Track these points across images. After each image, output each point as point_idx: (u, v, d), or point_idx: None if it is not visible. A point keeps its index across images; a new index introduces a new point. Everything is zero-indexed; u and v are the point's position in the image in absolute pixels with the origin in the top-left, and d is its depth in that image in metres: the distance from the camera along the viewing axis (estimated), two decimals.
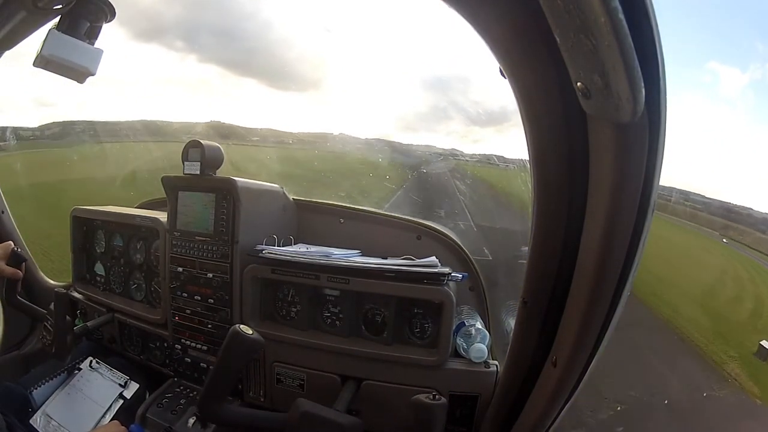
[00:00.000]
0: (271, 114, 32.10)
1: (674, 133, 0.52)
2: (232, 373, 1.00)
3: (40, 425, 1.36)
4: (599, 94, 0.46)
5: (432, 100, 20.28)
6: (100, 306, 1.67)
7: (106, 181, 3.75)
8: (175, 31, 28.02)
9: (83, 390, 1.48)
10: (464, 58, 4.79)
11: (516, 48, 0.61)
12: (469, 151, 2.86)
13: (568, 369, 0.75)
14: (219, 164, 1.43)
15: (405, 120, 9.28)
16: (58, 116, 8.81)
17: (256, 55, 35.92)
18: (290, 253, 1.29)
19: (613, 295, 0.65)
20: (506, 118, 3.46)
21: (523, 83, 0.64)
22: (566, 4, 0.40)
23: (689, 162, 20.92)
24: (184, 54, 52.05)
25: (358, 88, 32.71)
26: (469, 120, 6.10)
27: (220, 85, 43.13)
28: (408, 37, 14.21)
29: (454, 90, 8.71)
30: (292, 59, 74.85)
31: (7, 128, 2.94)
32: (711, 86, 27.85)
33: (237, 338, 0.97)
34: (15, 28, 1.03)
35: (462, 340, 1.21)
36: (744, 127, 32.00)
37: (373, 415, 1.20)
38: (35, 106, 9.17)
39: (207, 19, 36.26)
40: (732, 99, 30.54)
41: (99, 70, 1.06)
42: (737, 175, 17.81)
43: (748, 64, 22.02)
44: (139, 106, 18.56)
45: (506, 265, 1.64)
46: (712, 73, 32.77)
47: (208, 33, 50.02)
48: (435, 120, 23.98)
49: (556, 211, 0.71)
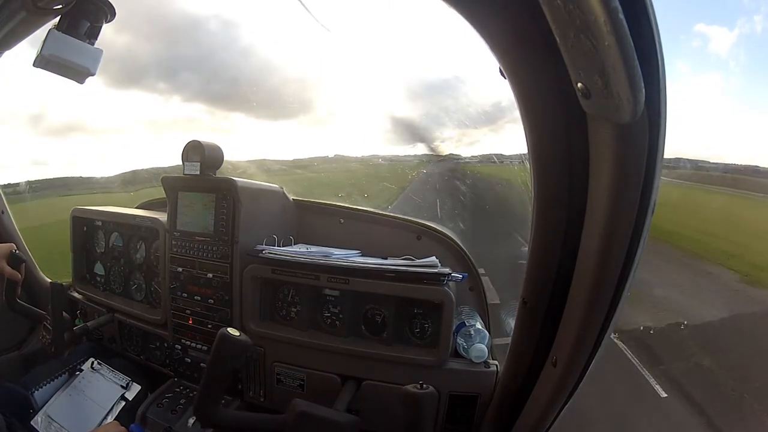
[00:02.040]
0: (261, 144, 32.41)
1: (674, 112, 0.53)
2: (224, 375, 1.00)
3: (41, 426, 1.36)
4: (599, 94, 0.46)
5: (423, 109, 20.28)
6: (100, 306, 1.67)
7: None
8: (155, 72, 28.06)
9: (85, 391, 1.48)
10: (453, 62, 4.82)
11: (516, 48, 0.61)
12: (467, 154, 2.91)
13: (568, 369, 0.75)
14: (219, 164, 1.43)
15: (399, 133, 9.36)
16: (50, 173, 9.36)
17: (240, 86, 35.98)
18: (290, 253, 1.29)
19: (613, 295, 0.65)
20: (500, 116, 3.51)
21: (523, 83, 0.64)
22: (566, 4, 0.40)
23: (692, 130, 22.10)
24: (168, 95, 51.90)
25: (348, 106, 33.08)
26: (462, 124, 6.20)
27: (209, 121, 43.31)
28: (397, 46, 14.29)
29: (444, 95, 8.70)
30: (277, 85, 75.03)
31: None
32: (701, 51, 28.26)
33: (224, 341, 0.98)
34: (15, 28, 1.03)
35: (462, 340, 1.21)
36: (739, 89, 32.02)
37: (373, 415, 1.20)
38: (30, 164, 10.02)
39: (184, 55, 36.28)
40: (724, 60, 30.71)
41: (86, 123, 1.06)
42: (736, 136, 20.33)
43: (735, 20, 22.14)
44: (127, 156, 18.66)
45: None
46: (701, 36, 32.86)
47: (188, 70, 50.02)
48: (428, 129, 24.22)
49: (556, 211, 0.71)
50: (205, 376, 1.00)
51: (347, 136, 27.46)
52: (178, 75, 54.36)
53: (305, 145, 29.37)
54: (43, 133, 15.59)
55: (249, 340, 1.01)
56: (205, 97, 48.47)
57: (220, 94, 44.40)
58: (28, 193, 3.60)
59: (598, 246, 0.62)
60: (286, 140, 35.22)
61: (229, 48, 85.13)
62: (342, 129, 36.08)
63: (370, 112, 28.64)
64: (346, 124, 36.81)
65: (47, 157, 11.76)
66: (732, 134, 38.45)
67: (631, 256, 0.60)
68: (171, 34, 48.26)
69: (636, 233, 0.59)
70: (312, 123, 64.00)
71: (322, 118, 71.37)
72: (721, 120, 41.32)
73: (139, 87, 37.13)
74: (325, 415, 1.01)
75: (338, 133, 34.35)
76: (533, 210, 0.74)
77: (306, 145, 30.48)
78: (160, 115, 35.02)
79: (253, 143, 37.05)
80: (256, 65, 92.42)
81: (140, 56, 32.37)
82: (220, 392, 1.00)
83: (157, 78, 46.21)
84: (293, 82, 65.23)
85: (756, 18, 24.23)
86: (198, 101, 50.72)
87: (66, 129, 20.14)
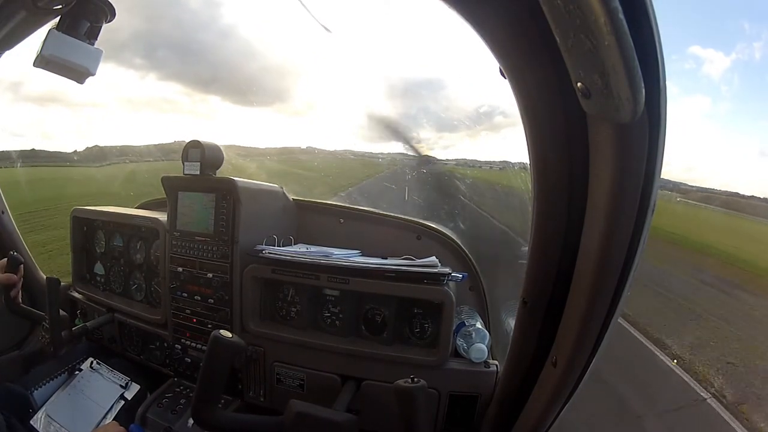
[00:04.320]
0: (235, 130, 32.24)
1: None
2: (219, 377, 1.00)
3: (40, 426, 1.36)
4: (599, 94, 0.46)
5: (401, 108, 20.10)
6: (99, 306, 1.67)
7: None
8: (132, 46, 27.84)
9: (84, 391, 1.48)
10: (438, 64, 4.79)
11: (516, 48, 0.61)
12: (442, 157, 2.98)
13: (568, 369, 0.75)
14: (219, 164, 1.43)
15: (373, 129, 9.25)
16: (24, 145, 9.44)
17: (218, 69, 35.11)
18: (290, 253, 1.29)
19: (613, 295, 0.65)
20: (478, 122, 3.58)
21: (523, 83, 0.64)
22: (566, 4, 0.40)
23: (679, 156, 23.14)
24: (144, 72, 51.02)
25: (325, 98, 32.91)
26: (440, 126, 6.16)
27: (186, 103, 42.80)
28: (383, 43, 13.95)
29: (425, 97, 8.57)
30: (255, 71, 74.25)
31: None
32: (692, 73, 28.38)
33: (217, 343, 0.98)
34: (15, 28, 1.03)
35: (462, 340, 1.21)
36: (727, 114, 32.25)
37: (373, 414, 1.20)
38: (7, 136, 10.10)
39: (162, 31, 35.76)
40: (716, 84, 30.79)
41: (64, 94, 1.06)
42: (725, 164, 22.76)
43: (734, 45, 22.21)
44: (107, 131, 18.55)
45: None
46: (695, 59, 32.94)
47: (166, 47, 49.20)
48: (405, 128, 24.29)
49: (556, 211, 0.71)
50: (200, 378, 1.00)
51: (322, 128, 27.53)
52: (156, 52, 53.54)
53: (279, 135, 29.33)
54: (23, 100, 15.54)
55: (242, 342, 1.02)
56: (182, 77, 47.75)
57: (198, 76, 43.73)
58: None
59: (598, 246, 0.62)
60: (261, 128, 35.02)
61: (208, 28, 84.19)
62: (317, 121, 36.08)
63: (346, 107, 28.49)
64: (322, 116, 36.67)
65: (24, 129, 11.99)
66: (714, 159, 39.16)
67: (631, 256, 0.60)
68: (150, 8, 47.28)
69: (636, 233, 0.59)
70: (288, 113, 63.53)
71: (299, 109, 70.66)
72: (704, 144, 41.81)
73: (116, 61, 36.31)
74: (323, 414, 1.01)
75: (313, 126, 34.29)
76: (533, 210, 0.74)
77: (280, 134, 30.46)
78: (136, 92, 34.71)
79: (229, 129, 36.88)
80: (235, 48, 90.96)
81: (120, 29, 31.80)
82: (216, 394, 1.01)
83: (134, 53, 45.38)
84: (272, 70, 64.88)
85: (756, 45, 24.29)
86: (174, 81, 49.98)
87: (44, 99, 19.98)
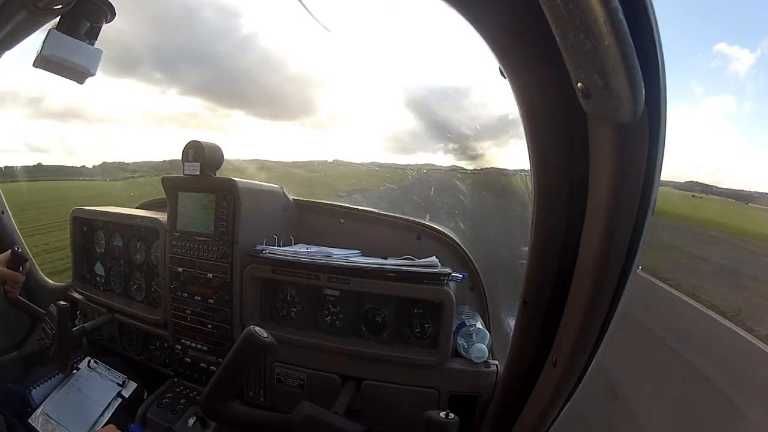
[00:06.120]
0: (261, 144, 31.92)
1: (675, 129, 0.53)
2: (240, 374, 0.99)
3: (38, 424, 1.36)
4: (599, 94, 0.46)
5: (425, 119, 20.04)
6: (100, 306, 1.67)
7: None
8: (151, 60, 27.27)
9: (81, 389, 1.48)
10: (460, 72, 4.70)
11: (516, 48, 0.61)
12: (470, 167, 2.95)
13: (568, 369, 0.75)
14: (219, 164, 1.43)
15: (400, 141, 9.17)
16: (49, 161, 9.71)
17: (239, 82, 34.46)
18: (290, 253, 1.29)
19: (613, 295, 0.64)
20: (505, 131, 3.59)
21: (523, 83, 0.64)
22: (566, 4, 0.40)
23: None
24: (165, 87, 50.44)
25: (349, 111, 32.74)
26: (466, 136, 6.10)
27: (210, 118, 42.55)
28: (401, 49, 14.09)
29: (449, 106, 8.49)
30: (278, 84, 73.87)
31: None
32: (719, 72, 28.65)
33: (251, 340, 0.94)
34: (15, 29, 1.03)
35: (463, 340, 1.21)
36: (752, 114, 32.51)
37: (373, 415, 1.20)
38: (28, 151, 10.38)
39: (180, 43, 35.36)
40: (742, 82, 31.26)
41: (86, 110, 1.06)
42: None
43: (759, 41, 22.78)
44: (124, 147, 18.44)
45: None
46: (721, 57, 33.08)
47: (185, 61, 48.74)
48: (431, 139, 24.20)
49: (556, 211, 0.71)
50: (221, 370, 0.98)
51: (347, 141, 27.38)
52: (175, 65, 52.98)
53: (305, 148, 29.43)
54: (43, 116, 15.71)
55: (274, 342, 0.97)
56: (203, 91, 47.14)
57: (220, 89, 43.07)
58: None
59: (598, 246, 0.62)
60: (287, 141, 34.64)
61: (227, 39, 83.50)
62: (342, 134, 35.94)
63: (371, 119, 28.48)
64: (346, 129, 36.53)
65: (48, 144, 12.41)
66: (739, 159, 39.86)
67: (631, 256, 0.60)
68: (166, 20, 47.04)
69: (636, 233, 0.58)
70: (313, 126, 62.84)
71: (323, 121, 70.20)
72: (729, 145, 42.17)
73: (136, 76, 35.73)
74: (333, 421, 1.00)
75: (339, 138, 34.13)
76: (533, 210, 0.74)
77: (306, 147, 30.37)
78: (157, 108, 34.12)
79: (254, 143, 36.62)
80: (255, 59, 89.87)
81: (135, 42, 31.28)
82: (231, 389, 0.99)
83: (154, 67, 44.89)
84: (294, 81, 64.72)
85: None
86: (196, 95, 49.30)
87: (66, 115, 20.02)
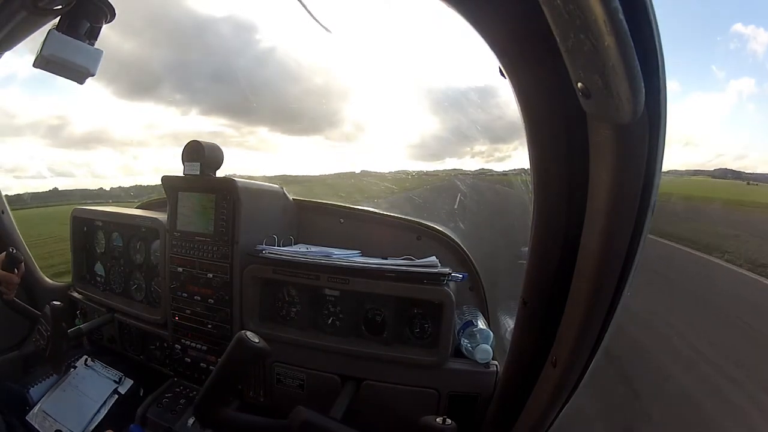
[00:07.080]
0: (288, 159, 31.73)
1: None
2: (233, 379, 0.97)
3: (36, 422, 1.37)
4: (599, 94, 0.46)
5: (451, 123, 20.12)
6: (100, 306, 1.67)
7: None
8: (171, 82, 27.06)
9: (78, 387, 1.50)
10: (477, 71, 4.65)
11: (515, 48, 0.61)
12: (499, 169, 2.95)
13: (568, 369, 0.75)
14: (219, 164, 1.43)
15: (427, 147, 9.32)
16: (76, 185, 10.00)
17: (260, 97, 34.33)
18: (290, 253, 1.29)
19: (613, 295, 0.64)
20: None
21: (523, 83, 0.64)
22: (566, 4, 0.40)
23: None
24: (186, 107, 49.52)
25: (374, 118, 32.84)
26: (493, 138, 6.15)
27: (235, 136, 42.33)
28: (417, 53, 13.75)
29: (473, 108, 8.41)
30: (300, 97, 73.35)
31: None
32: (738, 53, 28.52)
33: (242, 345, 0.92)
34: (15, 29, 1.03)
35: (467, 341, 1.21)
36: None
37: (372, 415, 1.20)
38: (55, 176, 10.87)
39: (198, 63, 35.08)
40: (760, 62, 30.89)
41: (109, 134, 1.06)
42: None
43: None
44: (154, 169, 18.29)
45: None
46: (739, 37, 32.82)
47: (205, 80, 48.22)
48: (458, 143, 24.01)
49: (556, 211, 0.71)
50: (213, 376, 0.96)
51: (374, 151, 27.45)
52: (194, 85, 52.31)
53: (331, 161, 29.34)
54: (65, 145, 15.97)
55: (267, 347, 0.95)
56: (225, 109, 46.44)
57: (241, 107, 42.58)
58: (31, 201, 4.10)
59: (598, 246, 0.62)
60: (312, 156, 34.46)
61: (244, 54, 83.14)
62: (368, 144, 36.01)
63: (396, 127, 28.47)
64: (372, 139, 36.60)
65: (72, 169, 13.07)
66: (762, 144, 39.74)
67: (631, 256, 0.60)
68: (182, 39, 47.10)
69: (636, 233, 0.58)
70: (338, 138, 62.16)
71: (349, 132, 69.59)
72: (753, 129, 41.83)
73: (155, 99, 35.55)
74: (331, 427, 0.97)
75: (365, 149, 34.10)
76: (533, 210, 0.74)
77: (332, 160, 30.21)
78: (180, 128, 33.62)
79: (279, 159, 36.67)
80: (275, 74, 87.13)
81: (153, 66, 31.20)
82: (224, 394, 0.97)
83: (173, 89, 44.56)
84: (316, 93, 64.28)
85: None
86: (217, 114, 48.55)
87: (89, 141, 20.05)
